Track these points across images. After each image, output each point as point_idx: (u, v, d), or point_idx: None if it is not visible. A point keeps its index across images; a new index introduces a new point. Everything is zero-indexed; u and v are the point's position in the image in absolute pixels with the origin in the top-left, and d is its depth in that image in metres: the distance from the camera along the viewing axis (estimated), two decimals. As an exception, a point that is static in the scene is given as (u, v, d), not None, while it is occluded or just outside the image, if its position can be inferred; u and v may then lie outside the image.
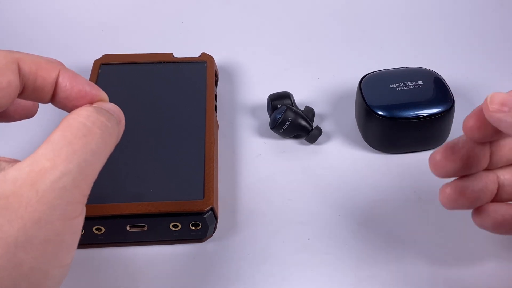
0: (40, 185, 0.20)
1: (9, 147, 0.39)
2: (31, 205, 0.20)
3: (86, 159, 0.21)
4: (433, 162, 0.28)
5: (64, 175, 0.20)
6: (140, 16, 0.52)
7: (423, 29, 0.51)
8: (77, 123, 0.22)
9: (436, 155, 0.28)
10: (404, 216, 0.34)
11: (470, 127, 0.26)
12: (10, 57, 0.22)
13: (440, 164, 0.28)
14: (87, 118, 0.22)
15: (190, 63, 0.42)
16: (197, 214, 0.31)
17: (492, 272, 0.31)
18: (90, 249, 0.32)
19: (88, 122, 0.22)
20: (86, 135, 0.22)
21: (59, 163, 0.20)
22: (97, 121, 0.23)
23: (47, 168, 0.20)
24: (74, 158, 0.21)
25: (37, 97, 0.24)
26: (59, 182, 0.20)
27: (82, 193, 0.21)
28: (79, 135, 0.22)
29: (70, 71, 0.24)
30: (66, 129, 0.22)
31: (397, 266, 0.31)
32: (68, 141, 0.21)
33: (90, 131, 0.22)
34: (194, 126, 0.36)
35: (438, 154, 0.28)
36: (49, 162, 0.20)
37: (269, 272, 0.31)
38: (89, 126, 0.22)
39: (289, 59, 0.48)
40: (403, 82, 0.38)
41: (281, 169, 0.37)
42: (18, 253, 0.19)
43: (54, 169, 0.20)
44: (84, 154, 0.21)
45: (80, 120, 0.22)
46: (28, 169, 0.20)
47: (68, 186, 0.20)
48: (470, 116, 0.26)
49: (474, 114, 0.26)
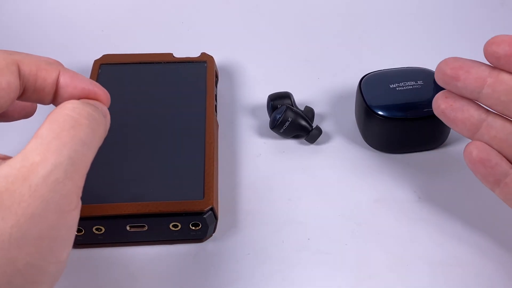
0: (32, 179, 0.20)
1: (9, 147, 0.38)
2: (24, 201, 0.19)
3: (77, 150, 0.21)
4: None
5: (56, 167, 0.20)
6: (140, 16, 0.52)
7: (423, 29, 0.51)
8: (63, 115, 0.22)
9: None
10: (404, 216, 0.34)
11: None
12: (10, 58, 0.22)
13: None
14: (73, 110, 0.22)
15: (190, 63, 0.42)
16: (197, 214, 0.31)
17: (492, 272, 0.31)
18: (90, 249, 0.32)
19: (74, 114, 0.22)
20: (74, 126, 0.22)
21: (49, 156, 0.20)
22: (83, 112, 0.22)
23: (38, 163, 0.20)
24: (64, 150, 0.21)
25: (38, 98, 0.24)
26: (51, 175, 0.20)
27: (76, 185, 0.21)
28: (67, 127, 0.21)
29: (70, 71, 0.24)
30: (53, 122, 0.22)
31: (397, 266, 0.31)
32: (56, 133, 0.21)
33: (77, 122, 0.22)
34: (194, 126, 0.36)
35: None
36: (39, 156, 0.20)
37: (269, 272, 0.31)
38: (76, 117, 0.22)
39: (289, 59, 0.48)
40: (403, 82, 0.38)
41: (281, 169, 0.37)
42: (12, 249, 0.19)
43: (45, 162, 0.20)
44: (74, 145, 0.21)
45: (66, 113, 0.22)
46: (19, 165, 0.20)
47: (61, 179, 0.20)
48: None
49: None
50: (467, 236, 0.33)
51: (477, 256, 0.32)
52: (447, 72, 0.29)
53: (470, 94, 0.29)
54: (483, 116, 0.29)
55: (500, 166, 0.29)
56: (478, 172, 0.30)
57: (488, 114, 0.29)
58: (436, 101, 0.31)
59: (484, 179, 0.30)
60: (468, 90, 0.29)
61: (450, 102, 0.30)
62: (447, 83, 0.29)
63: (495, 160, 0.29)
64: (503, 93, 0.28)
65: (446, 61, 0.29)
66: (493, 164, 0.29)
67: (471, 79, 0.29)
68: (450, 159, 0.38)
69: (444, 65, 0.29)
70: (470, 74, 0.29)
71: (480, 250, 0.32)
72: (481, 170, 0.30)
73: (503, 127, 0.29)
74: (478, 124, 0.30)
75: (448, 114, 0.30)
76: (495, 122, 0.29)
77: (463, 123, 0.30)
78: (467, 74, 0.29)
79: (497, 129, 0.29)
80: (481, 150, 0.29)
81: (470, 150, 0.30)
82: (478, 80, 0.28)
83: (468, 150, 0.30)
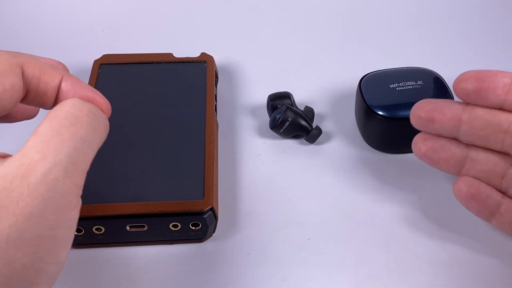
0: (30, 178, 0.19)
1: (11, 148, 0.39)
2: (23, 200, 0.19)
3: (76, 148, 0.21)
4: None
5: (55, 165, 0.20)
6: (140, 16, 0.52)
7: (423, 29, 0.51)
8: (63, 112, 0.22)
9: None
10: (403, 216, 0.34)
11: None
12: (14, 60, 0.22)
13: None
14: (73, 106, 0.22)
15: (190, 63, 0.42)
16: (197, 214, 0.31)
17: (492, 272, 0.31)
18: (90, 249, 0.32)
19: (74, 111, 0.22)
20: (74, 124, 0.21)
21: (48, 154, 0.20)
22: (84, 109, 0.22)
23: (36, 160, 0.20)
24: (64, 148, 0.20)
25: (40, 102, 0.24)
26: (49, 174, 0.20)
27: (75, 184, 0.21)
28: (67, 124, 0.21)
29: (73, 77, 0.24)
30: (52, 120, 0.21)
31: (397, 266, 0.31)
32: (55, 131, 0.21)
33: (78, 119, 0.22)
34: (194, 126, 0.36)
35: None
36: (38, 154, 0.20)
37: (269, 272, 0.31)
38: (76, 114, 0.22)
39: (289, 59, 0.48)
40: (403, 82, 0.38)
41: (281, 169, 0.37)
42: (10, 250, 0.19)
43: (43, 160, 0.20)
44: (73, 143, 0.21)
45: (66, 110, 0.22)
46: (17, 163, 0.20)
47: (60, 177, 0.20)
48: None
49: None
50: (467, 236, 0.33)
51: (477, 256, 0.32)
52: (422, 115, 0.29)
53: (448, 133, 0.29)
54: (465, 152, 0.29)
55: (491, 198, 0.29)
56: (471, 208, 0.30)
57: (470, 149, 0.29)
58: (416, 145, 0.30)
59: (478, 213, 0.30)
60: (446, 130, 0.29)
61: (430, 144, 0.30)
62: (423, 126, 0.29)
63: (486, 193, 0.29)
64: (480, 128, 0.28)
65: (419, 105, 0.29)
66: (484, 197, 0.29)
67: (447, 119, 0.29)
68: (450, 159, 0.38)
69: (418, 109, 0.29)
70: (445, 115, 0.29)
71: (480, 250, 0.32)
72: (473, 206, 0.30)
73: (487, 159, 0.29)
74: (462, 161, 0.30)
75: (431, 156, 0.30)
76: (479, 156, 0.29)
77: (447, 162, 0.30)
78: (441, 115, 0.29)
79: (481, 162, 0.29)
80: (470, 185, 0.29)
81: (460, 187, 0.30)
82: (454, 119, 0.28)
83: (457, 187, 0.30)
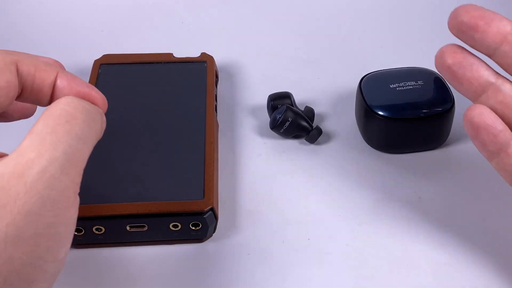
0: (27, 176, 0.20)
1: (8, 148, 0.39)
2: (20, 198, 0.19)
3: (72, 145, 0.21)
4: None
5: (51, 163, 0.20)
6: (140, 16, 0.52)
7: (423, 29, 0.51)
8: (58, 110, 0.22)
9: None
10: (404, 216, 0.34)
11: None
12: (9, 58, 0.22)
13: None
14: (67, 104, 0.22)
15: (190, 63, 0.42)
16: (197, 214, 0.31)
17: (492, 272, 0.31)
18: (90, 249, 0.32)
19: (69, 108, 0.22)
20: (69, 121, 0.21)
21: (44, 151, 0.20)
22: (79, 106, 0.22)
23: (33, 159, 0.20)
24: (59, 145, 0.20)
25: (36, 99, 0.24)
26: (46, 171, 0.20)
27: (72, 181, 0.21)
28: (62, 122, 0.21)
29: (68, 73, 0.24)
30: (48, 118, 0.21)
31: (397, 266, 0.31)
32: (51, 128, 0.21)
33: (73, 116, 0.22)
34: (194, 126, 0.36)
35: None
36: (34, 152, 0.20)
37: (269, 272, 0.31)
38: (71, 111, 0.22)
39: (289, 59, 0.48)
40: (403, 82, 0.38)
41: (281, 169, 0.37)
42: (8, 248, 0.19)
43: (40, 158, 0.20)
44: (69, 140, 0.21)
45: (61, 107, 0.22)
46: (14, 162, 0.20)
47: (57, 174, 0.20)
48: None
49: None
50: (467, 236, 0.33)
51: (477, 256, 0.32)
52: (465, 20, 0.25)
53: (485, 49, 0.26)
54: (492, 78, 0.27)
55: (504, 134, 0.26)
56: (479, 139, 0.27)
57: (498, 78, 0.27)
58: (442, 56, 0.27)
59: (483, 147, 0.27)
60: (485, 44, 0.26)
61: (459, 58, 0.27)
62: (462, 32, 0.26)
63: (500, 127, 0.26)
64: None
65: (465, 8, 0.26)
66: (498, 131, 0.26)
67: (492, 32, 0.25)
68: (450, 159, 0.38)
69: (463, 11, 0.26)
70: (491, 27, 0.25)
71: (481, 250, 0.32)
72: (483, 137, 0.26)
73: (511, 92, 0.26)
74: (485, 86, 0.27)
75: (456, 70, 0.27)
76: (504, 86, 0.26)
77: (470, 82, 0.27)
78: (487, 26, 0.25)
79: (504, 94, 0.26)
80: (485, 115, 0.26)
81: (473, 115, 0.26)
82: (499, 35, 0.25)
83: (470, 114, 0.26)
